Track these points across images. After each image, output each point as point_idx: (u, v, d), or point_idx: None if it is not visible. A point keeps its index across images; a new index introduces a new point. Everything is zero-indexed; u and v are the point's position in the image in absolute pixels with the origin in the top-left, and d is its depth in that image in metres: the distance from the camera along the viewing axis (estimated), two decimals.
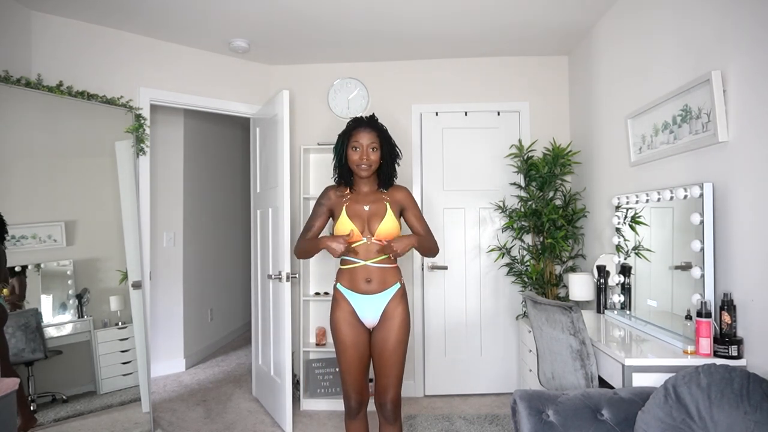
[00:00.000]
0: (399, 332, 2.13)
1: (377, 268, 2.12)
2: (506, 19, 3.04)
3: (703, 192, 1.92)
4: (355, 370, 2.15)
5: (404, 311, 2.17)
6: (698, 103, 2.00)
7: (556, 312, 2.13)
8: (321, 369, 3.54)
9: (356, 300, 2.14)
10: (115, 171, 3.03)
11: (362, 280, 2.12)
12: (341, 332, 2.15)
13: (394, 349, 2.13)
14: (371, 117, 2.22)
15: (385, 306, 2.13)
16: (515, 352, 3.68)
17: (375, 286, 2.12)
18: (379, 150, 2.16)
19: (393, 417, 2.17)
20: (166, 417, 3.32)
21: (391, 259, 2.16)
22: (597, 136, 3.15)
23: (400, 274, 2.20)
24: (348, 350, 2.14)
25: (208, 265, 4.95)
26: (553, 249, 3.23)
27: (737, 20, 1.83)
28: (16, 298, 2.66)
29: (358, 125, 2.17)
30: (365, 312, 2.14)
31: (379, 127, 2.18)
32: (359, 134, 2.14)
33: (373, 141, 2.14)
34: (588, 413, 1.62)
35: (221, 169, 5.32)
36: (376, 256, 2.12)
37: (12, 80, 2.60)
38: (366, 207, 2.16)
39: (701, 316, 1.84)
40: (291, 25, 3.12)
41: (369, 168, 2.15)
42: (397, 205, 2.21)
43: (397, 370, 2.14)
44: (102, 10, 2.88)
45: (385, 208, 2.15)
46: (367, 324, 2.17)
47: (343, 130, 2.22)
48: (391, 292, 2.14)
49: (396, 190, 2.24)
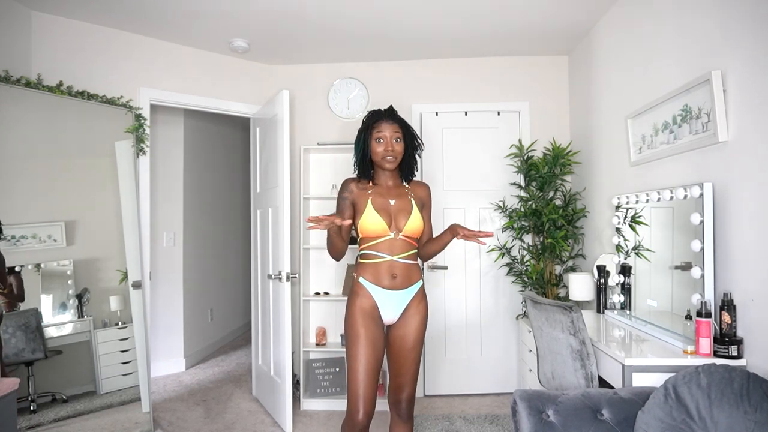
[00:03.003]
0: (420, 329, 2.11)
1: (403, 264, 2.06)
2: (506, 19, 3.04)
3: (703, 192, 1.92)
4: (371, 371, 1.97)
5: (425, 308, 2.14)
6: (698, 103, 2.00)
7: (556, 312, 2.13)
8: (321, 369, 3.54)
9: (380, 295, 2.05)
10: (115, 171, 3.03)
11: (388, 275, 2.05)
12: (361, 326, 2.01)
13: (413, 347, 2.10)
14: (390, 108, 2.16)
15: (408, 302, 2.09)
16: (515, 352, 3.68)
17: (400, 281, 2.06)
18: (402, 141, 2.10)
19: (407, 414, 2.17)
20: (166, 417, 3.32)
21: (414, 255, 2.11)
22: (597, 136, 3.15)
23: (421, 271, 2.17)
24: (366, 347, 1.98)
25: (208, 265, 4.95)
26: (553, 249, 3.23)
27: (737, 20, 1.83)
28: (16, 298, 2.65)
29: (379, 117, 2.11)
30: (387, 308, 2.07)
31: (399, 118, 2.14)
32: (382, 126, 2.08)
33: (397, 131, 2.09)
34: (588, 413, 1.62)
35: (221, 169, 5.32)
36: (402, 251, 2.06)
37: (12, 80, 2.60)
38: (392, 201, 2.10)
39: (701, 316, 1.84)
40: (291, 25, 3.12)
41: (395, 160, 2.09)
42: (420, 201, 2.16)
43: (415, 367, 2.13)
44: (102, 10, 2.88)
45: (411, 204, 2.11)
46: (387, 321, 2.10)
47: (363, 125, 2.15)
48: (415, 288, 2.10)
49: (418, 186, 2.21)
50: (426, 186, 2.23)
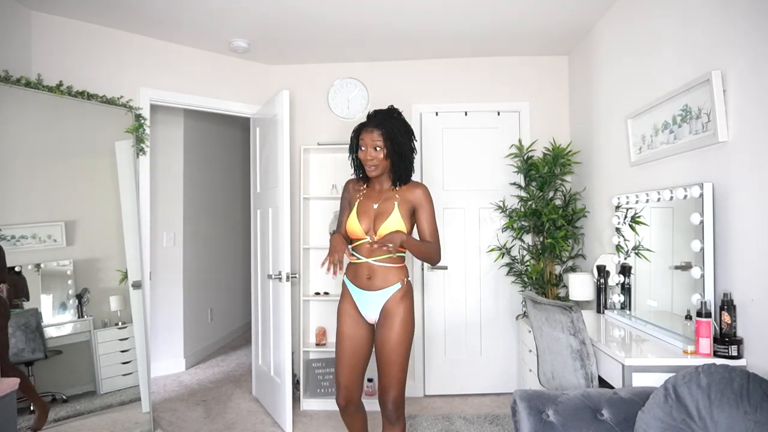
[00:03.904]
0: (399, 331, 2.11)
1: (379, 267, 2.12)
2: (506, 19, 3.04)
3: (703, 192, 1.92)
4: (347, 363, 2.16)
5: (405, 310, 2.13)
6: (698, 103, 2.00)
7: (556, 312, 2.13)
8: (321, 369, 3.54)
9: (357, 294, 2.18)
10: (115, 171, 3.03)
11: (363, 276, 2.14)
12: (341, 322, 2.20)
13: (393, 349, 2.11)
14: (379, 113, 2.16)
15: (384, 304, 2.12)
16: (515, 352, 3.68)
17: (375, 282, 2.13)
18: (383, 149, 2.09)
19: (394, 417, 2.16)
20: (166, 417, 3.32)
21: (395, 259, 2.13)
22: (597, 136, 3.15)
23: (405, 274, 2.17)
24: (344, 341, 2.18)
25: (208, 265, 4.95)
26: (553, 249, 3.23)
27: (737, 20, 1.83)
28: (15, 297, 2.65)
29: (365, 124, 2.15)
30: (365, 307, 2.17)
31: (385, 124, 2.10)
32: (363, 134, 2.12)
33: (377, 140, 2.09)
34: (588, 413, 1.62)
35: (221, 169, 5.32)
36: (379, 254, 2.10)
37: (12, 80, 2.60)
38: (375, 205, 2.15)
39: (701, 316, 1.84)
40: (291, 25, 3.12)
41: (375, 168, 2.12)
42: (408, 204, 2.15)
43: (396, 369, 2.12)
44: (102, 10, 2.88)
45: (392, 208, 2.12)
46: (368, 319, 2.19)
47: (353, 131, 2.20)
48: (391, 290, 2.12)
49: (410, 189, 2.17)
50: (420, 187, 2.18)
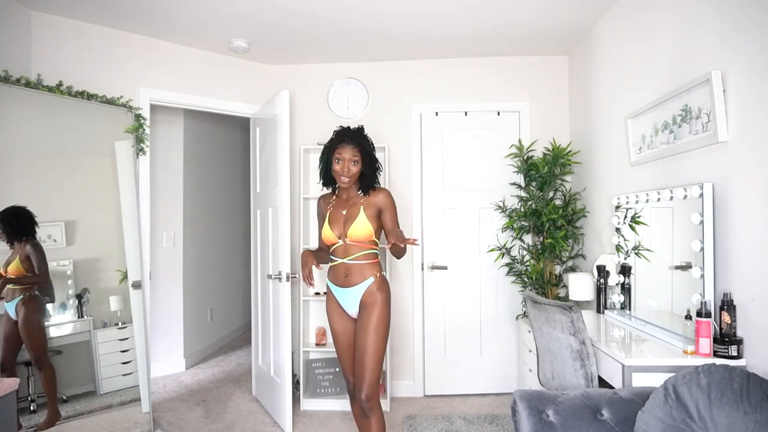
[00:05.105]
0: (374, 320, 2.25)
1: (354, 264, 2.31)
2: (506, 18, 3.04)
3: (703, 192, 1.92)
4: (347, 357, 2.38)
5: (379, 300, 2.27)
6: (698, 103, 2.00)
7: (555, 312, 2.13)
8: (321, 369, 3.54)
9: (338, 292, 2.35)
10: (115, 171, 3.03)
11: (341, 275, 2.33)
12: (330, 321, 2.41)
13: (367, 337, 2.24)
14: (355, 131, 2.34)
15: (361, 297, 2.29)
16: (515, 352, 3.68)
17: (352, 279, 2.30)
18: (359, 163, 2.31)
19: (368, 407, 2.22)
20: (166, 417, 3.32)
21: (368, 255, 2.31)
22: (597, 136, 3.15)
23: (378, 269, 2.34)
24: (339, 337, 2.39)
25: (208, 265, 4.94)
26: (553, 249, 3.23)
27: (737, 20, 1.83)
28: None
29: (342, 140, 2.30)
30: (345, 303, 2.34)
31: (361, 142, 2.31)
32: (342, 148, 2.29)
33: (355, 155, 2.29)
34: (588, 413, 1.62)
35: (221, 169, 5.32)
36: (354, 253, 2.30)
37: (12, 80, 2.60)
38: (344, 212, 2.35)
39: (701, 316, 1.84)
40: (291, 25, 3.12)
41: (349, 180, 2.32)
42: (374, 208, 2.34)
43: (369, 357, 2.21)
44: (102, 10, 2.88)
45: (358, 212, 2.31)
46: (351, 314, 2.37)
47: (328, 142, 2.36)
48: (366, 284, 2.29)
49: (375, 194, 2.36)
50: (383, 192, 2.38)
